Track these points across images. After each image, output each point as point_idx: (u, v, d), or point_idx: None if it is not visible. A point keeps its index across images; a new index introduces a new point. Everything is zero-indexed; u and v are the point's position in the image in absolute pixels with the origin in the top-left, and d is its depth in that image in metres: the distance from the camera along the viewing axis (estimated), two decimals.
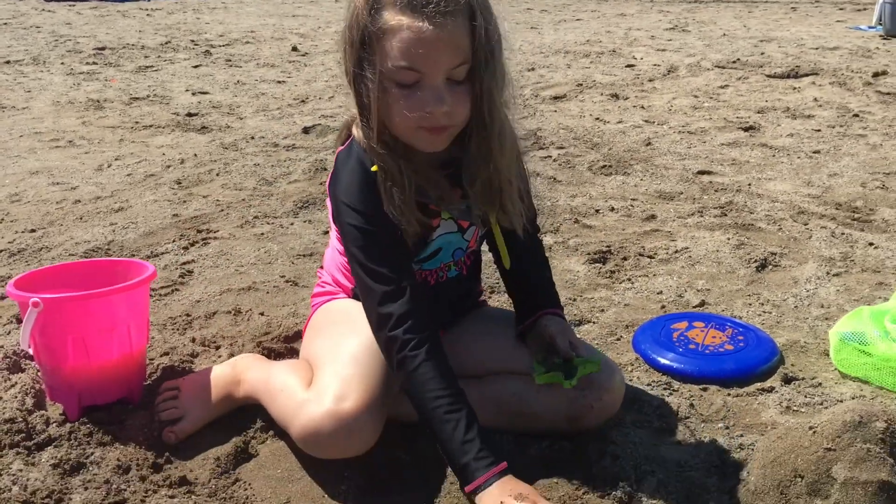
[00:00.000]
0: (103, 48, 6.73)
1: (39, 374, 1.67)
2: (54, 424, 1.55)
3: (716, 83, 4.97)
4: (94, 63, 6.05)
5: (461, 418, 1.28)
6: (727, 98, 4.58)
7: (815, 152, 3.46)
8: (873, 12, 7.59)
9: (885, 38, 6.77)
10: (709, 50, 6.23)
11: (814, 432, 1.21)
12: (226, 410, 1.60)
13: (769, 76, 5.10)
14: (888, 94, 4.54)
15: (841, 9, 9.82)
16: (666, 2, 11.93)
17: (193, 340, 1.90)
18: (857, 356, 1.68)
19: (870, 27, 7.43)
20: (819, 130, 3.81)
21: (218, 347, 1.87)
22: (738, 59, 5.66)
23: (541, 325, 1.50)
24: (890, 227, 2.59)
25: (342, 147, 1.45)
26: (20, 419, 1.56)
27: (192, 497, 1.39)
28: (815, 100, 4.45)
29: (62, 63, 6.02)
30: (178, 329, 1.97)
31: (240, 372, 1.62)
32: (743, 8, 10.14)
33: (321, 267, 1.73)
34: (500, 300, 2.06)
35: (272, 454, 1.49)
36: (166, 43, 7.14)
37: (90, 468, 1.44)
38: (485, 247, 1.61)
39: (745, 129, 3.88)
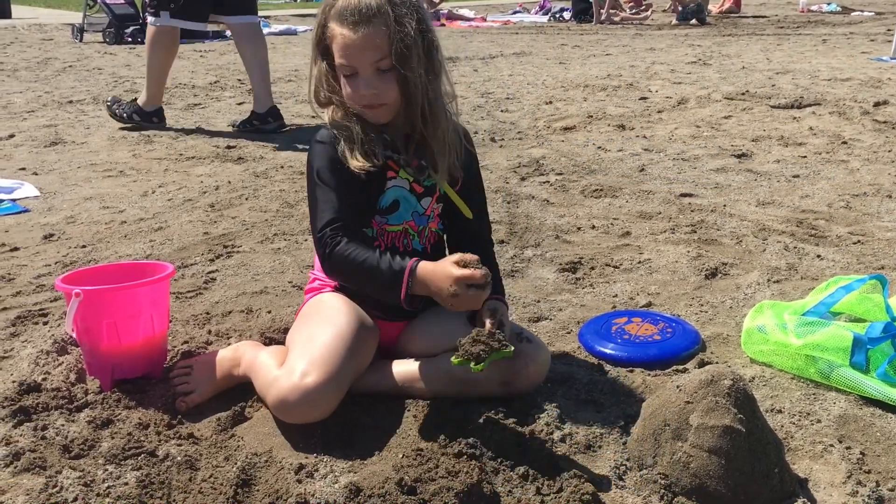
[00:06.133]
0: None
1: (81, 355, 2.05)
2: (91, 393, 1.92)
3: (720, 114, 5.24)
4: None
5: (379, 257, 1.67)
6: (728, 128, 4.84)
7: (794, 176, 3.71)
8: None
9: None
10: (723, 82, 6.49)
11: (679, 390, 1.50)
12: (228, 386, 1.95)
13: (773, 107, 5.34)
14: (884, 122, 4.75)
15: (872, 40, 9.94)
16: (701, 35, 12.13)
17: (210, 332, 2.26)
18: (760, 344, 1.95)
19: (891, 58, 7.60)
20: (805, 157, 4.06)
21: (229, 338, 2.22)
22: (748, 91, 5.91)
23: (483, 308, 1.81)
24: (842, 242, 2.84)
25: None
26: (65, 389, 1.93)
27: (196, 446, 1.73)
28: (811, 128, 4.69)
29: None
30: (198, 324, 2.34)
31: (240, 355, 1.97)
32: (773, 41, 10.32)
33: (312, 268, 2.09)
34: None
35: (263, 417, 1.83)
36: (215, 82, 7.65)
37: (117, 424, 1.80)
38: None
39: (737, 156, 4.14)
